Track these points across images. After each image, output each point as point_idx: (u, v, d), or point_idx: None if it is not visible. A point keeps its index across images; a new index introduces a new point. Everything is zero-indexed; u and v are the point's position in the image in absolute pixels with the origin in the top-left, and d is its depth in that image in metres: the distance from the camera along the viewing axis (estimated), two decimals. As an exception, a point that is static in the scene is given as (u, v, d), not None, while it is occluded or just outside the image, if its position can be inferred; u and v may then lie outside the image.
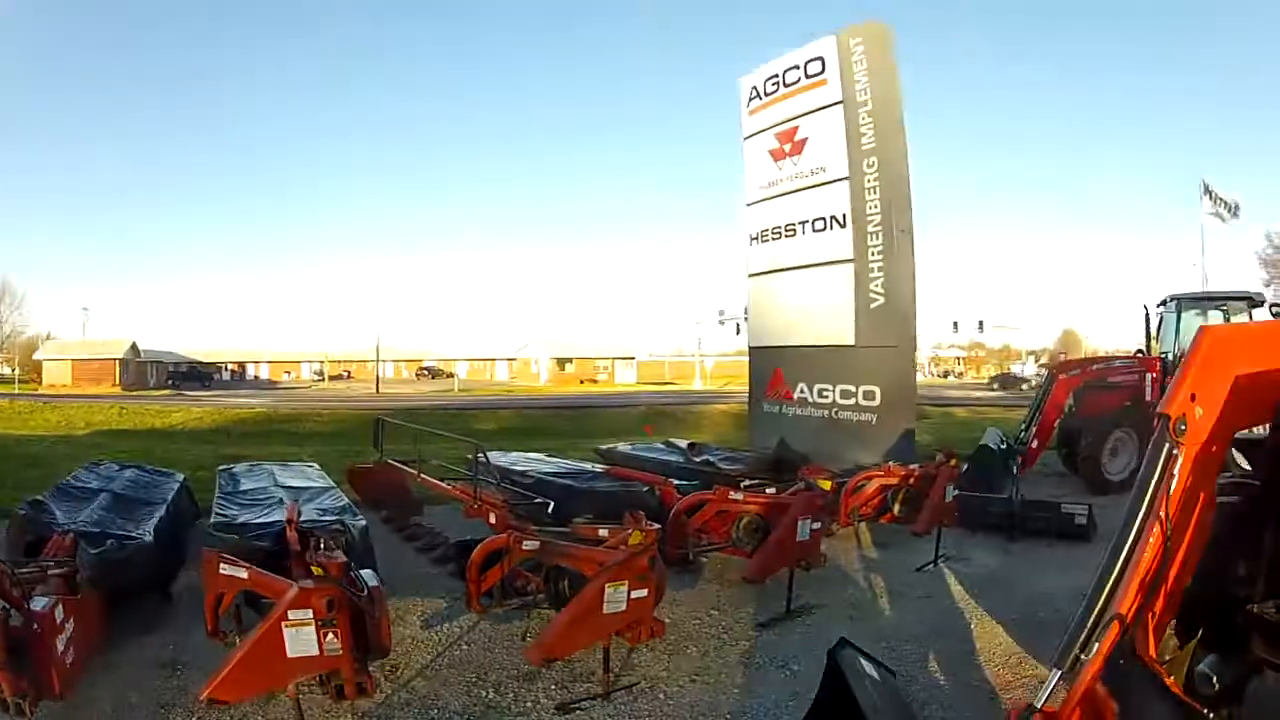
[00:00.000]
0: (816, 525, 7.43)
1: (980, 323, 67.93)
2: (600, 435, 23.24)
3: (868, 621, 7.06)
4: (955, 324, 63.90)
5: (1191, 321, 14.63)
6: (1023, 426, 14.04)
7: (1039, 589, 7.83)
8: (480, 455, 8.64)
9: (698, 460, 12.48)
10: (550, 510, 8.21)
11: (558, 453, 14.87)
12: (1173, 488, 3.16)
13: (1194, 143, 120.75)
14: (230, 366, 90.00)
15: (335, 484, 9.54)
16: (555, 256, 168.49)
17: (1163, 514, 3.18)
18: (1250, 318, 14.55)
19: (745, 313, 16.39)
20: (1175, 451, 3.18)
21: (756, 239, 16.05)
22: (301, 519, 6.43)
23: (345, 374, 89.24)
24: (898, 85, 14.05)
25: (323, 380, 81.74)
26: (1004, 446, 13.39)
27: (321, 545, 5.38)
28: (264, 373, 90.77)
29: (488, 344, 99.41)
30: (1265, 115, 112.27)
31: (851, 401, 13.93)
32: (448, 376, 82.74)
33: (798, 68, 15.00)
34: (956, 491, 9.41)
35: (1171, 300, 15.56)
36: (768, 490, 8.45)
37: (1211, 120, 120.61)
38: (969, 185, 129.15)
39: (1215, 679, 3.49)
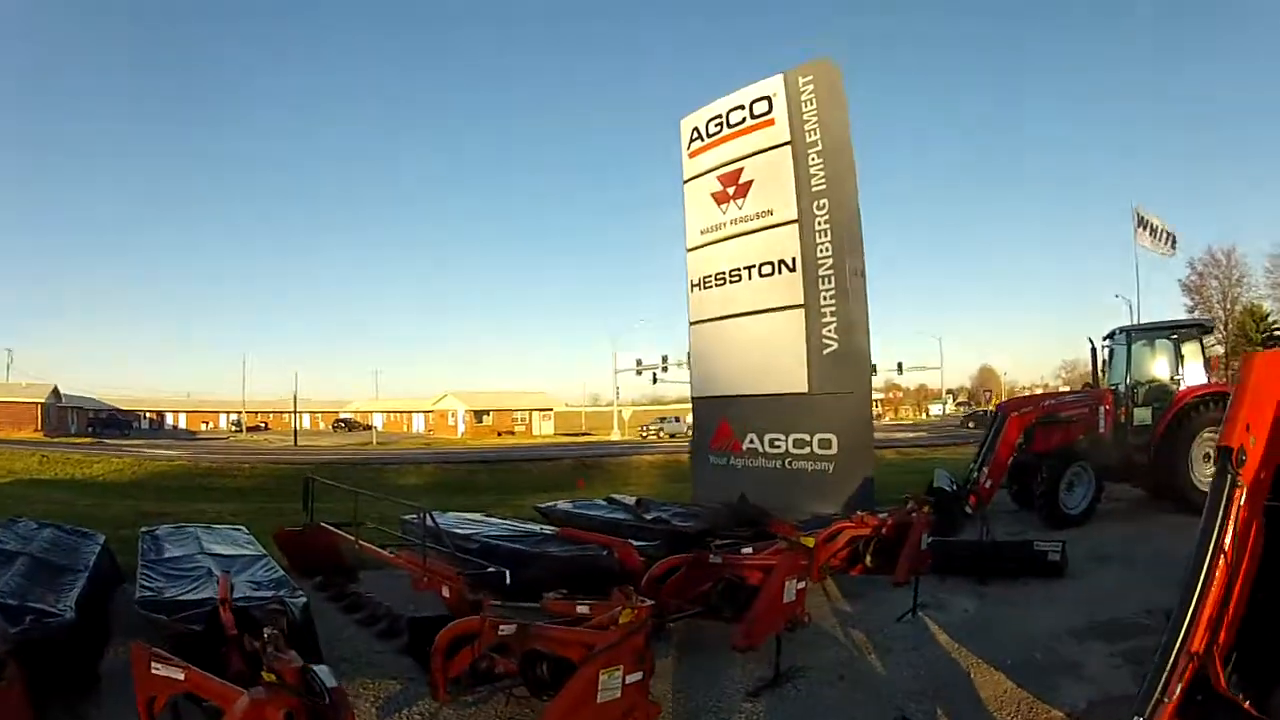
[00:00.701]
0: (801, 585, 6.99)
1: (900, 364, 68.49)
2: (528, 491, 22.56)
3: (862, 681, 6.68)
4: (874, 366, 63.67)
5: (1142, 353, 14.77)
6: (973, 465, 13.69)
7: (1026, 630, 7.72)
8: (426, 518, 8.01)
9: (649, 518, 11.83)
10: (507, 580, 7.45)
11: (490, 510, 14.33)
12: (1234, 520, 3.15)
13: (1118, 174, 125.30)
14: (149, 415, 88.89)
15: (264, 551, 8.94)
16: (471, 307, 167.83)
17: (1227, 548, 3.15)
18: (1201, 345, 14.77)
19: (688, 359, 15.79)
20: (1238, 483, 3.17)
21: (698, 285, 15.55)
22: (235, 595, 5.92)
23: (262, 425, 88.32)
24: (848, 125, 13.81)
25: (240, 431, 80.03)
26: (955, 487, 13.05)
27: (264, 635, 4.64)
28: (182, 422, 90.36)
29: (404, 395, 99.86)
30: (1184, 143, 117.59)
31: (806, 450, 13.41)
32: (365, 429, 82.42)
33: (743, 108, 14.67)
34: (930, 539, 9.03)
35: (1120, 333, 15.66)
36: (744, 550, 7.82)
37: (1138, 151, 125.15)
38: (883, 223, 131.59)
39: None
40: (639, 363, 64.46)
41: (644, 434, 56.91)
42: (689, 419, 58.69)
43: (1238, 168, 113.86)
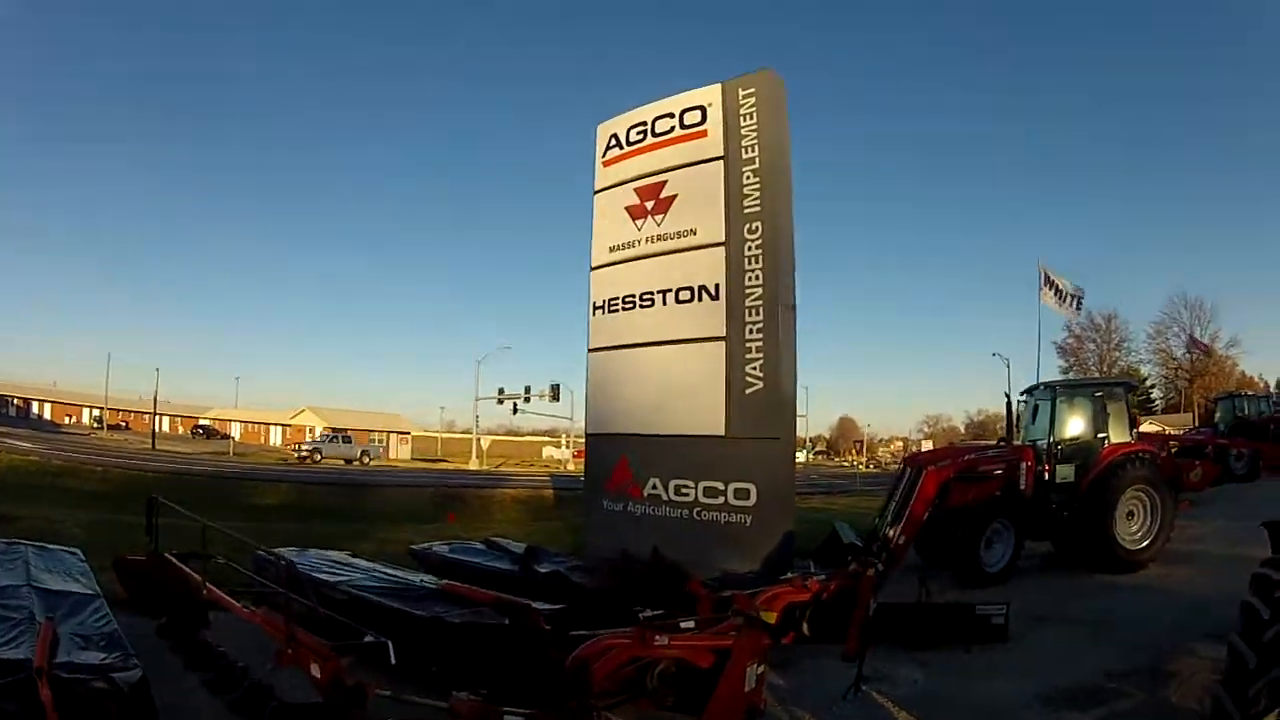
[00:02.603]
0: (761, 669, 5.91)
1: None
2: (390, 521, 21.05)
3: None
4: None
5: (1066, 409, 14.46)
6: (877, 520, 12.84)
7: (989, 702, 7.34)
8: (287, 568, 6.54)
9: (543, 571, 10.43)
10: (391, 655, 5.73)
11: (355, 546, 12.87)
12: None
13: (994, 232, 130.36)
14: (15, 401, 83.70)
15: (97, 590, 7.49)
16: (332, 320, 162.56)
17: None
18: (1126, 404, 14.75)
19: (586, 391, 14.17)
20: None
21: (602, 308, 13.97)
22: (56, 661, 4.99)
23: (123, 424, 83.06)
24: (788, 143, 12.66)
25: (102, 429, 75.00)
26: (859, 543, 12.20)
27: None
28: (47, 412, 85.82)
29: (263, 405, 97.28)
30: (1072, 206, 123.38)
31: (719, 500, 11.94)
32: (222, 438, 79.39)
33: (672, 116, 13.31)
34: (874, 604, 8.31)
35: (1044, 389, 15.56)
36: (683, 624, 6.43)
37: (1022, 211, 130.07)
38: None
39: None
40: (501, 391, 63.48)
41: (295, 452, 53.92)
42: (368, 443, 59.29)
43: (1127, 235, 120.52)
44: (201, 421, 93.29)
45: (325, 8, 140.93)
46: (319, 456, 49.71)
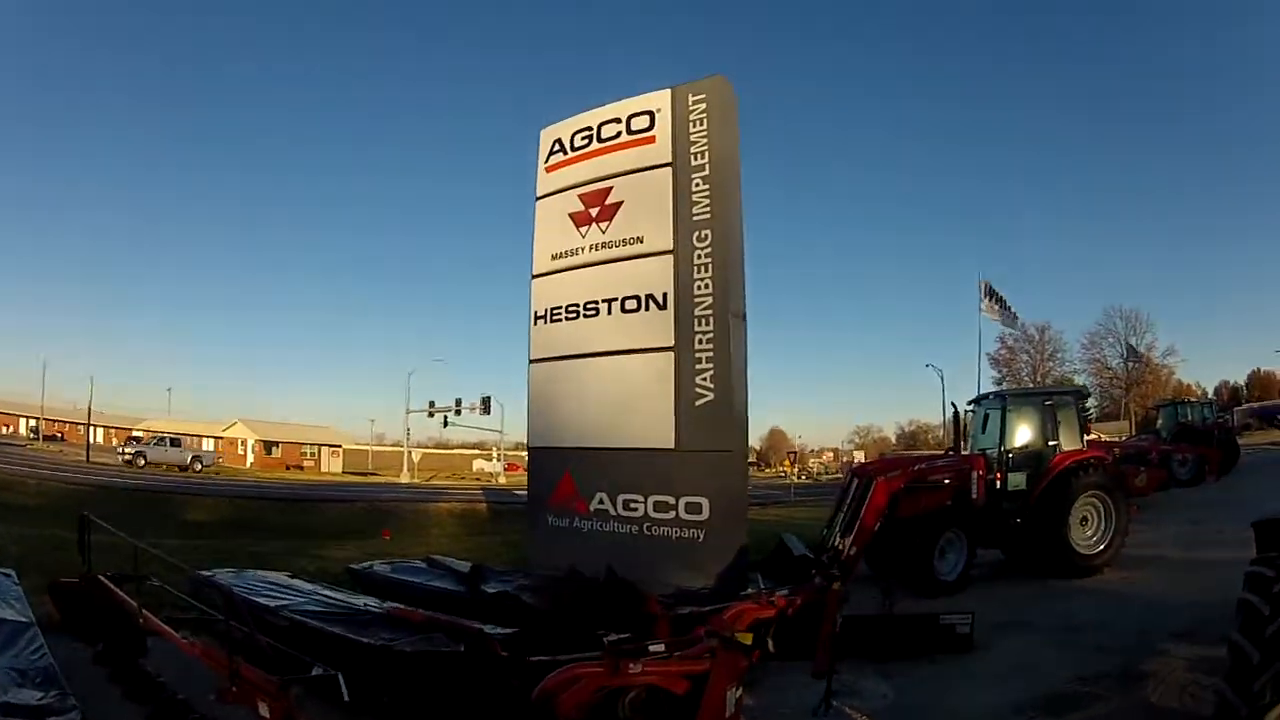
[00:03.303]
0: (739, 693, 5.62)
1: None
2: (326, 537, 20.56)
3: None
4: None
5: (1016, 418, 14.56)
6: (826, 531, 12.88)
7: (964, 714, 7.34)
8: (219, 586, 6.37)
9: (490, 591, 10.05)
10: (343, 688, 5.32)
11: (293, 564, 12.71)
12: None
13: (929, 245, 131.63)
14: None
15: (31, 617, 7.20)
16: (264, 330, 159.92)
17: None
18: (1077, 411, 14.94)
19: (527, 404, 13.73)
20: None
21: (544, 318, 13.50)
22: None
23: (59, 435, 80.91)
24: (738, 151, 12.39)
25: (38, 440, 73.07)
26: (810, 556, 12.27)
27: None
28: None
29: (195, 417, 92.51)
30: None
31: (670, 515, 11.53)
32: None
33: (618, 121, 12.93)
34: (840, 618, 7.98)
35: (994, 398, 15.78)
36: (652, 646, 5.92)
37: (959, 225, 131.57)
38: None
39: None
40: (432, 404, 63.31)
41: (119, 454, 51.43)
42: (199, 448, 58.15)
43: (1059, 247, 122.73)
44: (135, 433, 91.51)
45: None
46: (143, 461, 47.90)
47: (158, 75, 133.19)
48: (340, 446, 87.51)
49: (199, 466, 50.19)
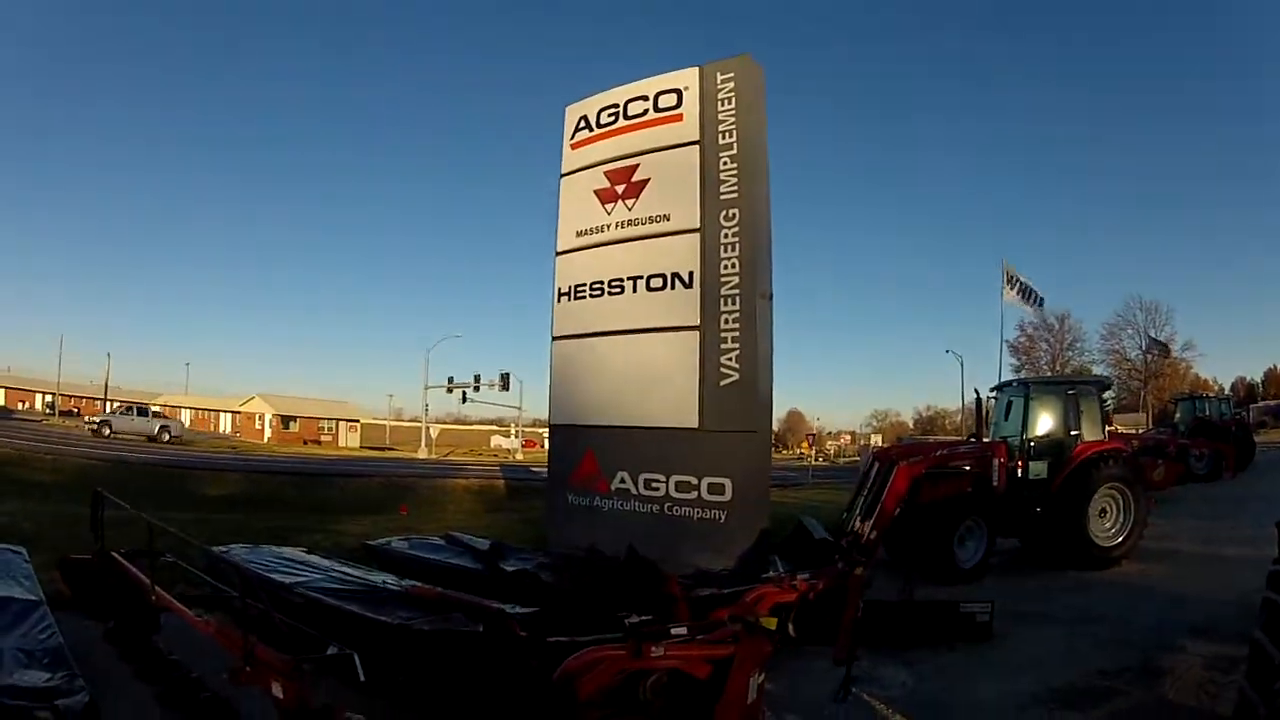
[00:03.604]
0: (762, 679, 5.43)
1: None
2: (343, 513, 20.33)
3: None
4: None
5: (1039, 407, 14.52)
6: (845, 515, 12.80)
7: (985, 703, 7.21)
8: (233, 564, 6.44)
9: (509, 569, 9.98)
10: (359, 669, 5.21)
11: (309, 540, 12.61)
12: None
13: (958, 231, 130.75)
14: None
15: (41, 596, 7.06)
16: (282, 306, 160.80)
17: None
18: (1099, 402, 14.84)
19: (550, 381, 13.63)
20: None
21: (568, 295, 13.37)
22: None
23: (75, 410, 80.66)
24: (765, 131, 12.28)
25: (54, 415, 73.37)
26: (830, 539, 12.05)
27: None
28: (0, 398, 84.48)
29: (213, 391, 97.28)
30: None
31: (692, 495, 11.46)
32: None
33: (645, 98, 12.78)
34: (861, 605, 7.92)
35: (1017, 385, 15.78)
36: (674, 630, 5.77)
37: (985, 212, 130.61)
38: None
39: None
40: (450, 380, 63.12)
41: (85, 425, 51.31)
42: (170, 418, 58.06)
43: (1082, 238, 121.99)
44: (153, 408, 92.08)
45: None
46: (109, 430, 47.42)
47: (177, 43, 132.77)
48: (358, 421, 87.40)
49: (166, 437, 49.65)
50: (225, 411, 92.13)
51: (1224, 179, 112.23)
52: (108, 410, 58.92)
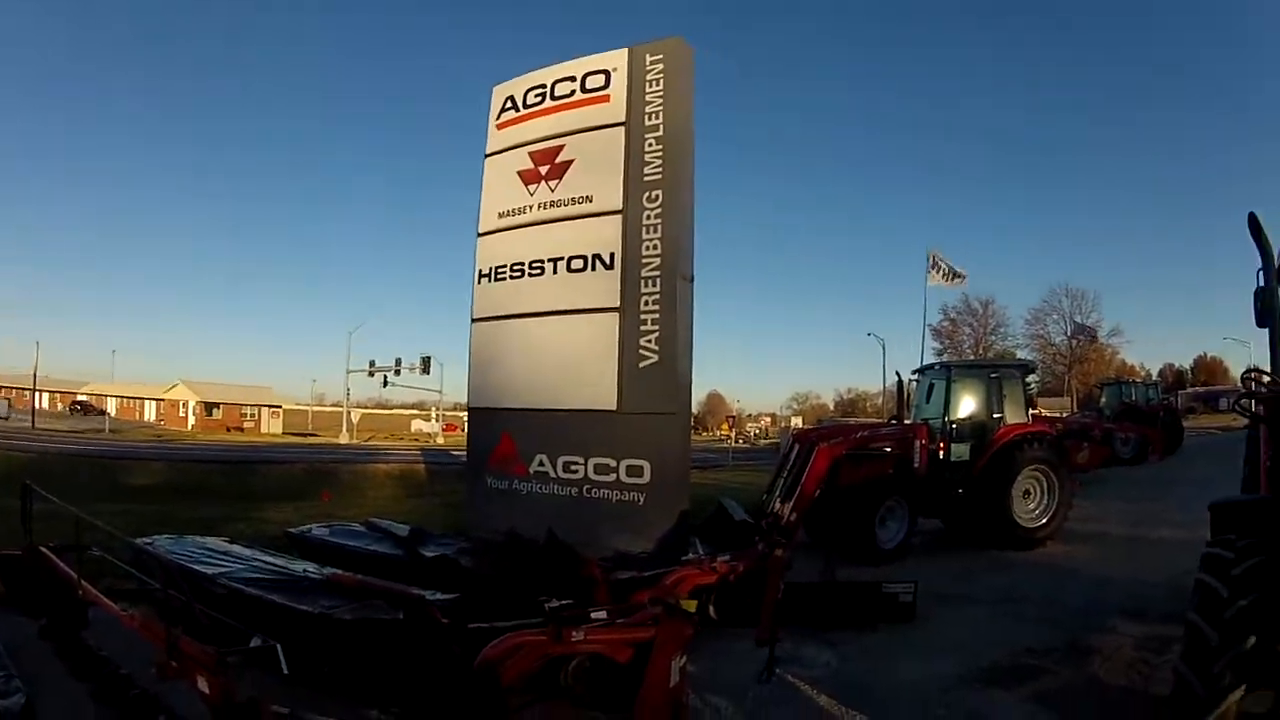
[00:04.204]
0: (684, 662, 5.40)
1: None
2: (265, 500, 20.22)
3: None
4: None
5: (961, 389, 14.72)
6: (766, 496, 12.97)
7: (911, 683, 7.15)
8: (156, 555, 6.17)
9: (429, 555, 9.91)
10: (281, 660, 5.13)
11: (231, 530, 12.75)
12: None
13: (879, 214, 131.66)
14: None
15: None
16: (204, 291, 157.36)
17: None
18: (1023, 385, 15.14)
19: (469, 363, 13.46)
20: None
21: (488, 276, 13.17)
22: None
23: (6, 400, 79.21)
24: (692, 114, 12.20)
25: None
26: (750, 521, 12.10)
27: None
28: None
29: (139, 379, 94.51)
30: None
31: (611, 478, 11.38)
32: (100, 414, 77.54)
33: (573, 79, 12.63)
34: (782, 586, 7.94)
35: (939, 368, 16.02)
36: (594, 614, 5.77)
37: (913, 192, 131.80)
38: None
39: None
40: (372, 364, 62.90)
41: None
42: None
43: (1005, 224, 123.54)
44: (80, 397, 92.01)
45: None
46: None
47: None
48: (280, 407, 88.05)
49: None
50: (150, 399, 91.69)
51: (1157, 173, 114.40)
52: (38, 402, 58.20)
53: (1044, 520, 13.71)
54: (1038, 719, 6.23)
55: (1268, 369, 5.42)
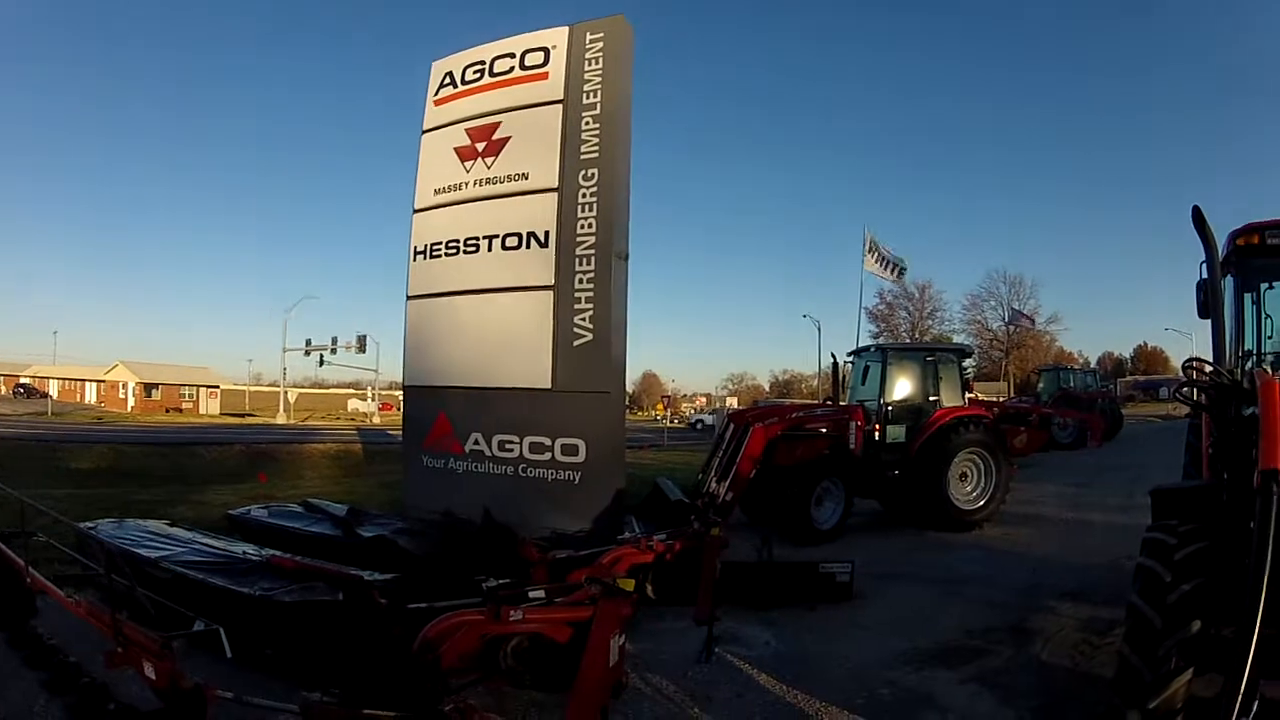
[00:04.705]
0: (622, 640, 5.42)
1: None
2: (204, 482, 20.07)
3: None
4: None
5: (898, 372, 14.80)
6: (701, 476, 13.07)
7: (852, 662, 7.12)
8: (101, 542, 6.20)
9: (367, 536, 9.79)
10: (225, 644, 5.18)
11: (172, 512, 12.65)
12: None
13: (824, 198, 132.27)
14: None
15: None
16: (141, 269, 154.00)
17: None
18: (959, 369, 15.29)
19: (404, 341, 13.29)
20: None
21: (424, 253, 13.00)
22: None
23: None
24: (630, 93, 12.11)
25: None
26: (686, 501, 12.28)
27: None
28: None
29: (81, 361, 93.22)
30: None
31: (546, 457, 11.33)
32: (41, 396, 76.16)
33: (512, 55, 12.50)
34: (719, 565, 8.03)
35: (876, 350, 15.94)
36: (532, 593, 5.81)
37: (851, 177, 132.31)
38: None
39: None
40: (308, 343, 62.05)
41: None
42: None
43: (945, 209, 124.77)
44: (22, 380, 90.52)
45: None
46: None
47: None
48: (218, 387, 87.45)
49: None
50: (91, 381, 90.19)
51: (1096, 159, 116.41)
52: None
53: (981, 503, 13.89)
54: (981, 699, 6.21)
55: (1209, 359, 5.38)
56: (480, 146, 12.56)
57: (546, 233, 11.69)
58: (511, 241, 11.99)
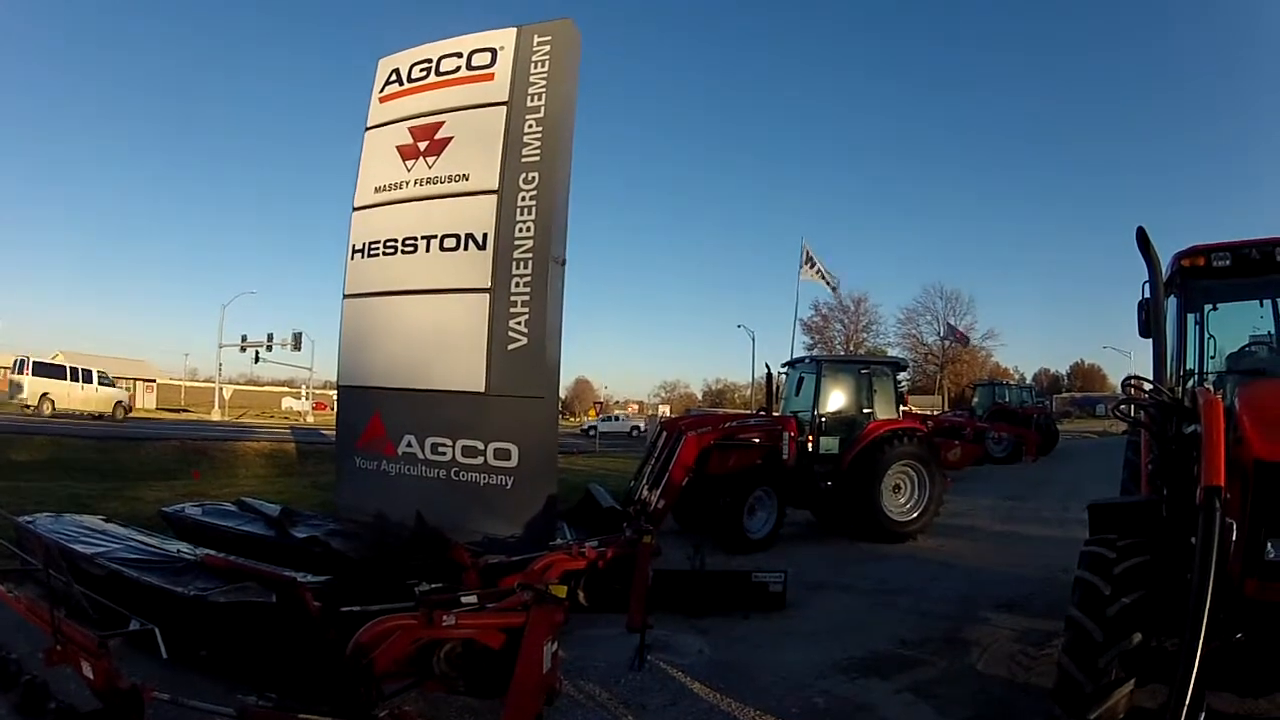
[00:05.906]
0: (556, 647, 5.42)
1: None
2: (139, 478, 19.71)
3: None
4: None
5: (832, 384, 14.89)
6: (633, 483, 12.92)
7: (785, 671, 7.03)
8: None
9: (300, 537, 9.65)
10: (160, 643, 5.07)
11: (106, 506, 12.43)
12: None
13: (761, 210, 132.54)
14: None
15: None
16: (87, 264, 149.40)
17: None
18: (894, 382, 15.39)
19: (339, 340, 13.13)
20: (1228, 520, 3.64)
21: (361, 252, 12.87)
22: None
23: None
24: (575, 97, 12.18)
25: None
26: (618, 508, 12.21)
27: None
28: None
29: (19, 348, 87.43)
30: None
31: (479, 460, 11.27)
32: None
33: (459, 55, 12.45)
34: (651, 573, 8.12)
35: (809, 362, 16.00)
36: (465, 598, 5.77)
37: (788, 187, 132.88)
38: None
39: None
40: (244, 339, 60.57)
41: None
42: None
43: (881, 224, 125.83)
44: None
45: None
46: None
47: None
48: (155, 381, 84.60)
49: None
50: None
51: (1035, 179, 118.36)
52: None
53: (915, 515, 14.02)
54: (916, 708, 6.22)
55: (1148, 377, 5.45)
56: (423, 145, 12.48)
57: (485, 235, 11.63)
58: (450, 243, 11.91)
